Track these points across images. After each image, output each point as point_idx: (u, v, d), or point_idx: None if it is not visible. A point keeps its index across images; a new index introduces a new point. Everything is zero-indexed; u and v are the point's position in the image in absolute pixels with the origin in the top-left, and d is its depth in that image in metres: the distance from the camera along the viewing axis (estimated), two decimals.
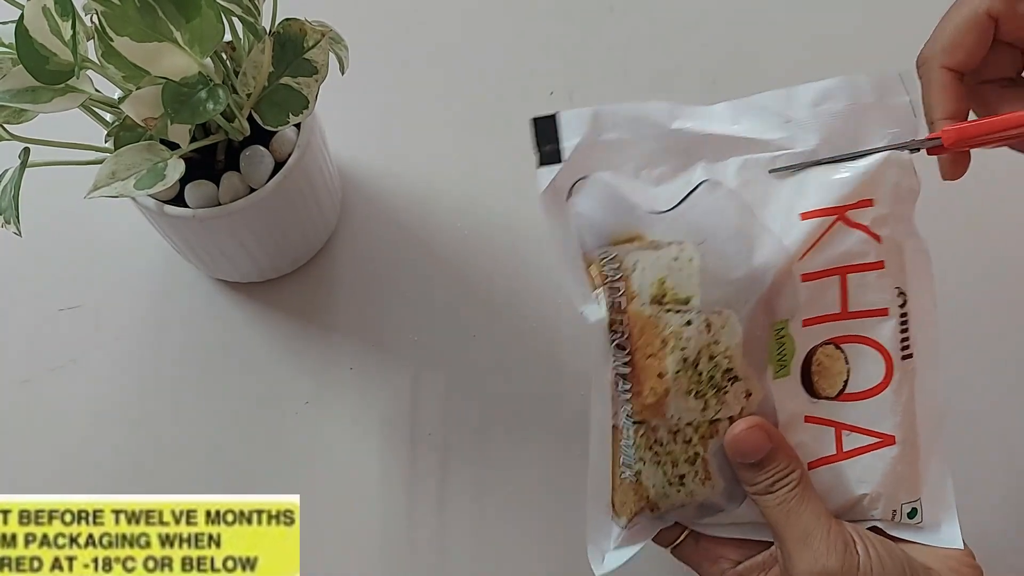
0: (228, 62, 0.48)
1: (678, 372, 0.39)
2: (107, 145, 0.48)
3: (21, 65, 0.41)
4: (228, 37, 0.46)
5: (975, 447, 0.53)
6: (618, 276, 0.39)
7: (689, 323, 0.38)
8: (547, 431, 0.55)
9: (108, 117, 0.48)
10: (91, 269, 0.59)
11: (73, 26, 0.40)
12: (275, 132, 0.51)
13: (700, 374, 0.39)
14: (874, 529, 0.41)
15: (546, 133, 0.40)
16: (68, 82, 0.42)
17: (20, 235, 0.44)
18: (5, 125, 0.45)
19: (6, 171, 0.45)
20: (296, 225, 0.55)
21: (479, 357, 0.57)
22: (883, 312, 0.40)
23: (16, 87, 0.42)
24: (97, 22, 0.41)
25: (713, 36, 0.66)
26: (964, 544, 0.41)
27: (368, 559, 0.53)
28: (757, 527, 0.42)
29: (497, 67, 0.66)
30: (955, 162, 0.39)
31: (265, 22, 0.47)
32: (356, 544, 0.53)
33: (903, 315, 0.41)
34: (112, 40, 0.41)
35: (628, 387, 0.39)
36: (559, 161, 0.39)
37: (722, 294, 0.39)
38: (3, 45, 0.44)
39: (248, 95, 0.47)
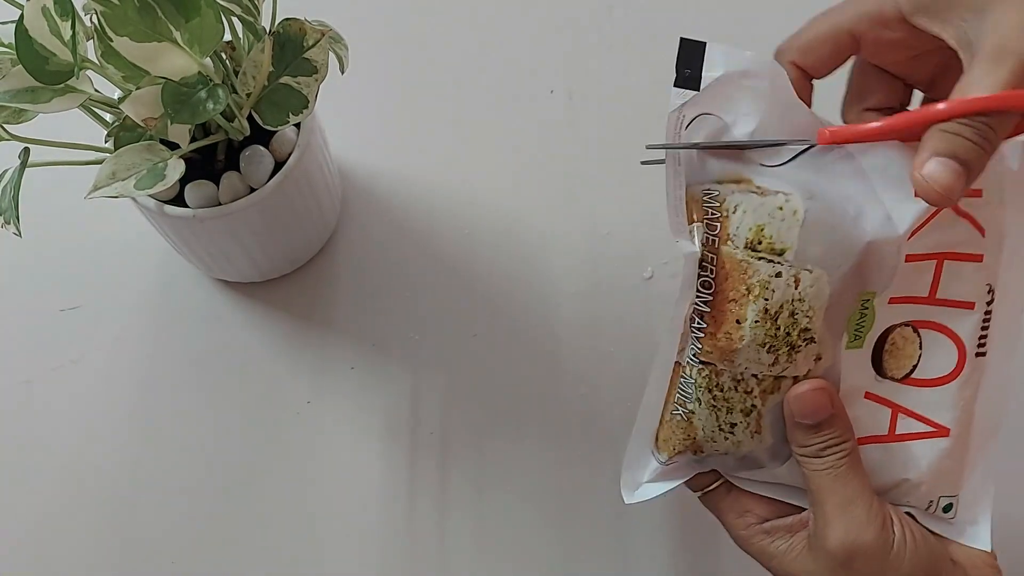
0: (228, 62, 0.48)
1: (756, 323, 0.38)
2: (107, 145, 0.48)
3: (21, 65, 0.41)
4: (228, 37, 0.46)
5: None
6: (716, 215, 0.38)
7: (779, 275, 0.38)
8: (547, 431, 0.55)
9: (108, 117, 0.48)
10: (91, 269, 0.59)
11: (73, 26, 0.40)
12: (275, 132, 0.51)
13: (778, 328, 0.38)
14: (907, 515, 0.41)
15: (690, 57, 0.39)
16: (68, 82, 0.42)
17: (20, 235, 0.44)
18: (5, 125, 0.45)
19: (6, 171, 0.45)
20: (296, 225, 0.55)
21: (479, 356, 0.57)
22: (969, 306, 0.40)
23: (16, 87, 0.42)
24: (96, 22, 0.41)
25: (713, 37, 0.66)
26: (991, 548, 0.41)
27: (369, 557, 0.53)
28: (791, 490, 0.42)
29: (497, 67, 0.66)
30: None
31: (265, 22, 0.47)
32: (357, 543, 0.53)
33: (987, 312, 0.40)
34: (112, 40, 0.41)
35: (704, 326, 0.39)
36: (696, 88, 0.39)
37: (818, 253, 0.38)
38: (3, 45, 0.44)
39: (248, 95, 0.47)
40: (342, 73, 0.51)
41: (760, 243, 0.38)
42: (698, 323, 0.39)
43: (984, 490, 0.41)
